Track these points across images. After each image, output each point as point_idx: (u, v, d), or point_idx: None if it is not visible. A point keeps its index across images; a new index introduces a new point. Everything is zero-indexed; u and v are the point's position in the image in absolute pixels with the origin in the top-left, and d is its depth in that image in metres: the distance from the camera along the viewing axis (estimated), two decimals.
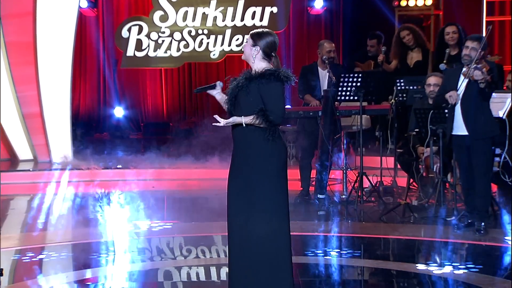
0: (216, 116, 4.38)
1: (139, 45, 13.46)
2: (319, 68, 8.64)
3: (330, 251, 6.37)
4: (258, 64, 4.55)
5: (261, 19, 13.37)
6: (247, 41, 4.61)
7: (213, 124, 4.42)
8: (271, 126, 4.42)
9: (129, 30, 13.44)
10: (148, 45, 13.47)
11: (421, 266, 5.89)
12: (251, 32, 4.65)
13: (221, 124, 4.42)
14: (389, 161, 9.02)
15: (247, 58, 4.60)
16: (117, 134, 13.77)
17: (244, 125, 4.41)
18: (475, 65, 6.75)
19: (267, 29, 4.72)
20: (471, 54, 6.82)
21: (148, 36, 13.44)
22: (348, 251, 6.41)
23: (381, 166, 8.98)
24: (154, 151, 11.56)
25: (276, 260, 4.44)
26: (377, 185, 8.75)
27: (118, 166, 10.81)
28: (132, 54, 13.50)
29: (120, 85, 14.30)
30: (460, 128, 6.93)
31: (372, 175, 8.63)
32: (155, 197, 9.06)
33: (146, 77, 14.48)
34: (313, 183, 8.51)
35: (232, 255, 4.49)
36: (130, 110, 14.30)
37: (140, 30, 13.43)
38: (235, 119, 4.42)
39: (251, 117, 4.41)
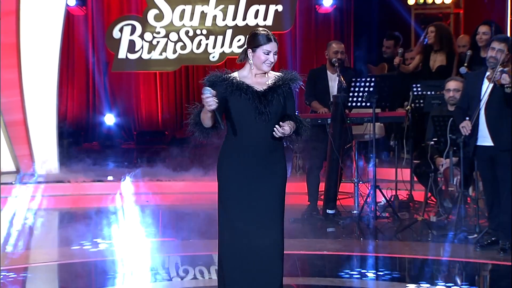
0: (278, 127, 4.49)
1: (131, 46, 13.49)
2: (328, 71, 8.65)
3: (340, 272, 6.35)
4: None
5: (264, 18, 13.40)
6: (276, 53, 4.66)
7: (278, 135, 4.51)
8: (303, 133, 4.65)
9: (121, 30, 13.48)
10: (142, 47, 13.50)
11: None
12: (276, 39, 4.68)
13: (287, 133, 4.51)
14: (405, 173, 9.00)
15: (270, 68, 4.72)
16: (108, 144, 13.78)
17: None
18: (501, 69, 6.70)
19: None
20: (497, 56, 6.79)
21: (141, 36, 13.47)
22: (360, 271, 6.39)
23: (396, 179, 8.97)
24: (148, 162, 11.56)
25: (274, 269, 4.61)
26: (392, 199, 8.74)
27: (108, 179, 10.81)
28: (124, 57, 13.53)
29: (111, 90, 14.32)
30: (484, 138, 6.89)
31: (386, 189, 8.62)
32: (150, 212, 9.06)
33: (139, 82, 14.50)
34: (322, 197, 8.50)
35: (230, 264, 4.63)
36: (121, 117, 14.32)
37: (133, 30, 13.47)
38: (290, 126, 4.55)
39: (292, 123, 4.60)
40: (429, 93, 8.99)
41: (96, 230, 7.98)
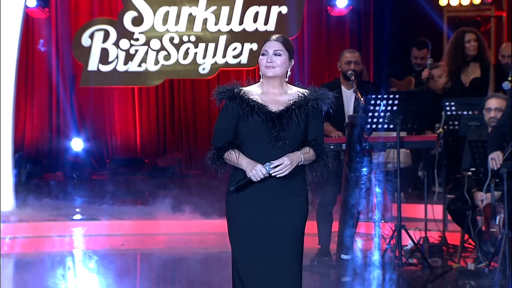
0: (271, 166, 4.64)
1: (104, 56, 13.52)
2: (342, 86, 8.66)
3: None
4: (285, 83, 4.86)
5: (266, 22, 13.44)
6: (279, 53, 4.79)
7: (277, 176, 4.67)
8: (324, 161, 4.76)
9: (91, 36, 13.51)
10: (117, 57, 13.53)
11: None
12: (279, 38, 4.86)
13: (283, 173, 4.64)
14: (437, 211, 8.99)
15: (279, 74, 4.80)
16: (75, 174, 13.77)
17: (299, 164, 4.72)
18: None
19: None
20: None
21: (116, 44, 13.51)
22: None
23: (426, 217, 8.95)
24: (124, 196, 11.54)
25: None
26: (421, 242, 8.72)
27: (75, 217, 10.79)
28: (95, 69, 13.55)
29: (79, 109, 14.33)
30: None
31: (414, 229, 8.60)
32: (125, 258, 9.03)
33: (113, 99, 14.51)
34: (335, 239, 8.49)
35: None
36: (92, 142, 14.32)
37: (106, 37, 13.50)
38: (295, 159, 4.67)
39: (306, 150, 4.73)
40: (465, 113, 9.00)
41: (57, 281, 7.95)
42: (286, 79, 4.87)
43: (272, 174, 4.64)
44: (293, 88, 4.84)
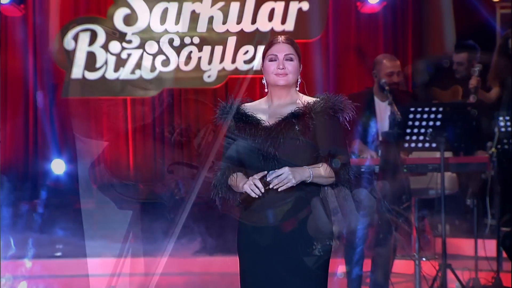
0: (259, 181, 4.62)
1: (91, 61, 13.54)
2: (375, 98, 8.67)
3: None
4: (296, 91, 4.89)
5: (283, 21, 13.43)
6: (290, 58, 4.83)
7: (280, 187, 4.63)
8: (345, 179, 4.76)
9: (75, 38, 13.54)
10: (106, 62, 13.55)
11: None
12: (287, 40, 4.90)
13: (284, 185, 4.62)
14: (489, 246, 8.97)
15: (292, 82, 4.84)
16: (55, 202, 13.78)
17: (308, 181, 4.68)
18: None
19: None
20: None
21: (105, 47, 13.53)
22: None
23: (476, 254, 8.93)
24: (114, 229, 11.54)
25: None
26: (470, 284, 8.70)
27: (56, 254, 10.78)
28: (80, 76, 13.57)
29: (61, 124, 14.36)
30: None
31: (462, 269, 8.58)
32: None
33: (101, 112, 14.54)
34: (367, 280, 8.47)
35: None
36: (75, 164, 14.33)
37: (93, 39, 13.53)
38: (301, 172, 4.62)
39: (318, 165, 4.69)
40: None
41: None
42: (297, 88, 4.88)
43: (273, 187, 4.59)
44: (304, 97, 4.85)
